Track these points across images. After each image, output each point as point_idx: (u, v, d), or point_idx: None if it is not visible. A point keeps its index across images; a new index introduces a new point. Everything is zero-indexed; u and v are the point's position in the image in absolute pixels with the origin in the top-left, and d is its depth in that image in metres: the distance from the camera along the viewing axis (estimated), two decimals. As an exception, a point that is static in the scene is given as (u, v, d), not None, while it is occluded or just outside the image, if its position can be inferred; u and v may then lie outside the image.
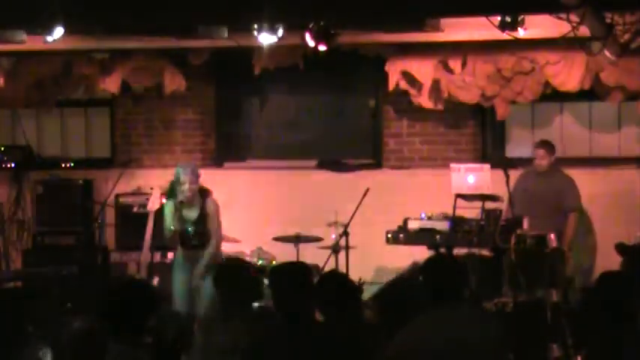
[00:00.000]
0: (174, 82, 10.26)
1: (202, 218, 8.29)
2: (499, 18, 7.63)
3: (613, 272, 5.68)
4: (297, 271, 5.59)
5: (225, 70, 10.69)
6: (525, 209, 8.55)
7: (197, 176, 8.34)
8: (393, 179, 10.13)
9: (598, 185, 9.64)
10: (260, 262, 9.18)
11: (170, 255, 9.79)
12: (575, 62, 9.31)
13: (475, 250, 8.51)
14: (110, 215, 10.22)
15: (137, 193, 10.16)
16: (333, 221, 9.11)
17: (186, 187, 8.21)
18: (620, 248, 7.72)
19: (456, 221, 8.43)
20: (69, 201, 10.28)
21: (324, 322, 5.50)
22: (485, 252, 8.64)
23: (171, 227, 8.24)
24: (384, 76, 9.82)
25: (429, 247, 8.46)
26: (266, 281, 8.69)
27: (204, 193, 8.35)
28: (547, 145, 9.15)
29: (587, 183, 9.64)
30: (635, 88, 9.31)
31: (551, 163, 9.08)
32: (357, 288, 5.82)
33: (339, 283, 5.64)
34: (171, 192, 8.32)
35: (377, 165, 10.44)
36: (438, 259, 5.44)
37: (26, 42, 8.25)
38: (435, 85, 9.71)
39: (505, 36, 7.76)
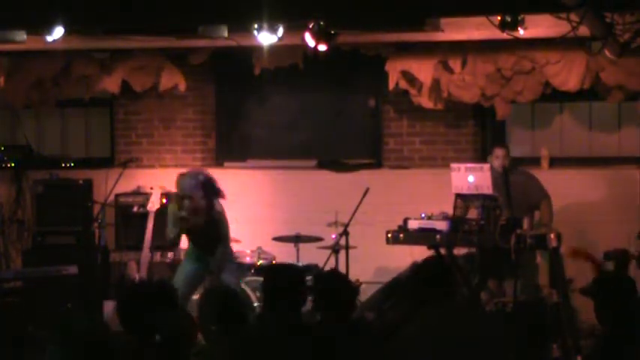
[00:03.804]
0: (171, 80, 10.26)
1: (210, 224, 8.27)
2: (499, 18, 7.63)
3: (612, 273, 5.69)
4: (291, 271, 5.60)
5: (225, 70, 10.69)
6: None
7: (196, 185, 8.20)
8: (393, 179, 10.13)
9: (598, 185, 9.64)
10: (260, 262, 9.19)
11: (170, 255, 9.82)
12: (575, 62, 9.31)
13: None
14: (110, 215, 10.21)
15: (137, 193, 10.16)
16: (333, 221, 9.11)
17: (186, 203, 8.18)
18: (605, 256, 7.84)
19: (456, 221, 8.42)
20: (69, 201, 10.26)
21: (320, 322, 5.51)
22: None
23: (174, 236, 8.38)
24: (384, 76, 9.82)
25: (429, 247, 8.45)
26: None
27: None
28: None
29: (587, 183, 9.65)
30: (635, 88, 9.32)
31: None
32: (355, 288, 5.83)
33: (335, 283, 5.65)
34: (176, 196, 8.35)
35: (377, 165, 10.44)
36: (434, 260, 5.46)
37: (26, 42, 8.24)
38: (435, 84, 9.71)
39: (505, 36, 7.75)
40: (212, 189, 8.24)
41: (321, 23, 7.87)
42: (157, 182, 9.63)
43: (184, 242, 8.97)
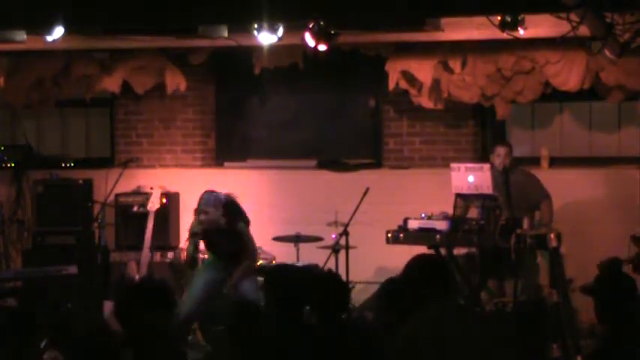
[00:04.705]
0: (174, 81, 10.26)
1: (232, 237, 8.41)
2: (499, 18, 7.63)
3: (612, 272, 5.69)
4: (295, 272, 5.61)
5: (225, 70, 10.69)
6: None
7: (218, 203, 8.39)
8: (393, 179, 10.13)
9: (598, 185, 9.64)
10: (260, 261, 9.18)
11: (170, 254, 9.82)
12: (575, 62, 9.31)
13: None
14: (110, 215, 10.21)
15: (137, 192, 10.16)
16: (333, 221, 9.11)
17: (201, 217, 8.35)
18: (636, 240, 7.79)
19: (456, 221, 8.42)
20: (69, 201, 10.27)
21: (317, 323, 5.51)
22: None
23: (190, 251, 8.49)
24: (384, 76, 9.82)
25: (429, 247, 8.45)
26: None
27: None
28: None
29: (587, 183, 9.65)
30: (635, 88, 9.31)
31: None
32: (348, 289, 5.83)
33: (334, 284, 5.65)
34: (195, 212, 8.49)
35: (377, 165, 10.44)
36: (423, 259, 5.44)
37: (26, 42, 8.24)
38: (435, 84, 9.70)
39: (505, 36, 7.76)
40: (235, 211, 8.46)
41: (321, 23, 7.87)
42: (157, 182, 9.65)
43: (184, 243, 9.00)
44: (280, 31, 8.03)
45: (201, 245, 8.61)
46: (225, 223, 8.36)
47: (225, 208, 8.38)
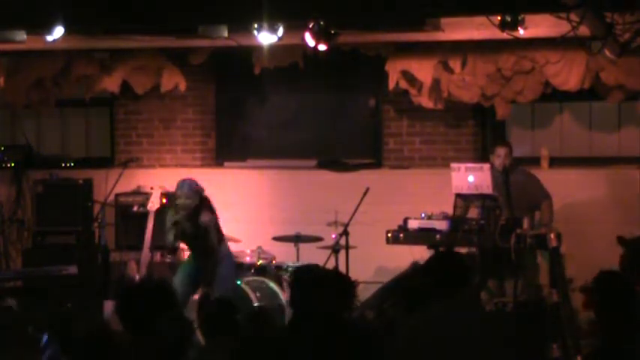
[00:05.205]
0: (170, 81, 10.26)
1: (201, 231, 8.41)
2: (499, 18, 7.63)
3: (612, 272, 5.68)
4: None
5: (225, 70, 10.69)
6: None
7: (194, 192, 8.43)
8: (393, 179, 10.13)
9: (598, 185, 9.64)
10: (260, 261, 9.19)
11: (170, 255, 9.81)
12: (575, 62, 9.31)
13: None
14: (110, 215, 10.22)
15: (137, 192, 10.17)
16: (333, 221, 9.11)
17: (180, 201, 8.39)
18: (621, 241, 7.76)
19: (456, 221, 8.43)
20: (69, 201, 10.27)
21: (322, 321, 5.50)
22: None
23: (171, 240, 8.52)
24: (384, 76, 9.82)
25: (429, 247, 8.45)
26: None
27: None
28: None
29: (587, 183, 9.65)
30: (635, 88, 9.31)
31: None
32: (354, 287, 5.83)
33: (339, 283, 5.65)
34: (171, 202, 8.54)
35: (377, 165, 10.44)
36: (444, 256, 5.46)
37: (26, 42, 8.25)
38: (435, 84, 9.71)
39: (505, 35, 7.76)
40: (207, 203, 8.48)
41: (321, 23, 7.87)
42: (157, 182, 9.64)
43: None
44: (280, 31, 8.03)
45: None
46: (192, 209, 8.41)
47: (199, 198, 8.46)
